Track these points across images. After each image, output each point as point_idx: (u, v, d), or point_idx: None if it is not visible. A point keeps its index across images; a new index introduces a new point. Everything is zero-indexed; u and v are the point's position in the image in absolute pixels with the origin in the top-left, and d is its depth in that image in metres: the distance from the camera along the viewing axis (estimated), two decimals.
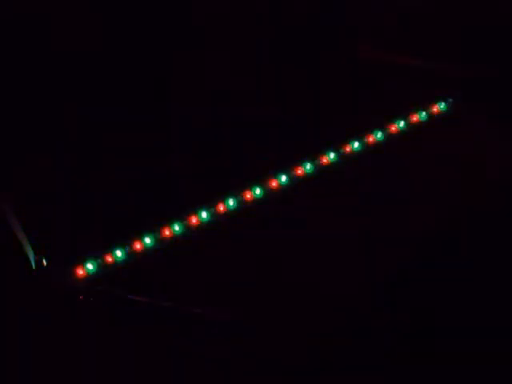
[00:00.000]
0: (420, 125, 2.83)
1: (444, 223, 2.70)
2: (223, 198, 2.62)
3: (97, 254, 2.51)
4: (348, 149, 2.75)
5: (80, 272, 2.49)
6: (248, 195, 2.64)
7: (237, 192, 2.63)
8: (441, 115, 2.86)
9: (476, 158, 2.82)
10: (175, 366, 2.45)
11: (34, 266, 2.48)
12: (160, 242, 2.56)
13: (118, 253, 2.52)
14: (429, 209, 2.73)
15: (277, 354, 2.47)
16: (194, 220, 2.59)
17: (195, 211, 2.59)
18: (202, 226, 2.59)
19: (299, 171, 2.70)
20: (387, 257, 2.62)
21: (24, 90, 2.73)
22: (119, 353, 2.45)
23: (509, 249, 2.66)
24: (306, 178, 2.71)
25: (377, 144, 2.78)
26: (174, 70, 2.84)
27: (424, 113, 2.85)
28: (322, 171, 2.72)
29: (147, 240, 2.54)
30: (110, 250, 2.52)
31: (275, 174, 2.68)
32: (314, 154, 2.72)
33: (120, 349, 2.45)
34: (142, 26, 2.85)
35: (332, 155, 2.74)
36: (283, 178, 2.68)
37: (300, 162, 2.70)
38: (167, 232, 2.57)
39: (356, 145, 2.76)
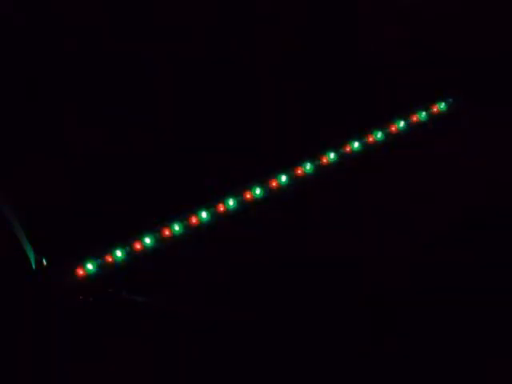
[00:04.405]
0: (420, 125, 2.83)
1: (443, 223, 2.70)
2: (223, 198, 2.62)
3: (97, 254, 2.51)
4: (348, 149, 2.75)
5: (80, 272, 2.49)
6: (248, 195, 2.64)
7: (237, 192, 2.63)
8: (441, 115, 2.86)
9: (476, 157, 2.82)
10: (175, 366, 2.46)
11: (34, 266, 2.48)
12: (160, 241, 2.56)
13: (118, 253, 2.52)
14: (428, 209, 2.73)
15: (277, 354, 2.47)
16: (194, 220, 2.59)
17: (195, 211, 2.59)
18: (202, 226, 2.59)
19: (299, 171, 2.70)
20: (384, 261, 2.63)
21: (24, 89, 2.73)
22: (119, 353, 2.45)
23: (509, 249, 2.66)
24: (306, 178, 2.71)
25: (377, 144, 2.78)
26: (173, 69, 2.84)
27: (424, 113, 2.85)
28: (321, 171, 2.72)
29: (147, 240, 2.55)
30: (110, 249, 2.52)
31: (275, 174, 2.68)
32: (314, 154, 2.72)
33: (120, 349, 2.45)
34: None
35: (332, 155, 2.74)
36: (283, 178, 2.68)
37: (300, 161, 2.71)
38: (167, 232, 2.57)
39: (356, 145, 2.76)
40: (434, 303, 2.57)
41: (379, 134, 2.79)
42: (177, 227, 2.57)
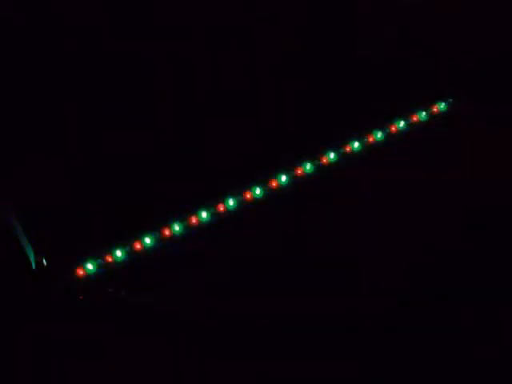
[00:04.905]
0: (420, 125, 2.83)
1: (443, 223, 2.70)
2: (223, 198, 2.62)
3: (97, 254, 2.51)
4: (348, 149, 2.75)
5: (80, 272, 2.49)
6: (248, 195, 2.65)
7: (237, 192, 2.63)
8: (441, 115, 2.86)
9: (476, 157, 2.82)
10: (175, 366, 2.46)
11: (34, 266, 2.48)
12: (160, 241, 2.56)
13: (118, 253, 2.52)
14: (428, 209, 2.73)
15: (277, 354, 2.48)
16: (193, 220, 2.59)
17: (195, 211, 2.59)
18: (202, 226, 2.59)
19: (299, 171, 2.70)
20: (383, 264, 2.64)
21: (24, 89, 2.73)
22: (119, 353, 2.45)
23: (510, 249, 2.66)
24: (306, 178, 2.71)
25: (377, 144, 2.78)
26: (173, 69, 2.84)
27: (424, 113, 2.85)
28: (321, 171, 2.72)
29: (147, 240, 2.55)
30: (110, 249, 2.52)
31: (275, 174, 2.68)
32: (313, 154, 2.72)
33: (120, 349, 2.45)
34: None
35: (332, 155, 2.74)
36: (283, 178, 2.68)
37: (300, 162, 2.71)
38: (167, 232, 2.57)
39: (356, 145, 2.76)
40: (433, 303, 2.57)
41: (379, 134, 2.79)
42: (177, 227, 2.58)
